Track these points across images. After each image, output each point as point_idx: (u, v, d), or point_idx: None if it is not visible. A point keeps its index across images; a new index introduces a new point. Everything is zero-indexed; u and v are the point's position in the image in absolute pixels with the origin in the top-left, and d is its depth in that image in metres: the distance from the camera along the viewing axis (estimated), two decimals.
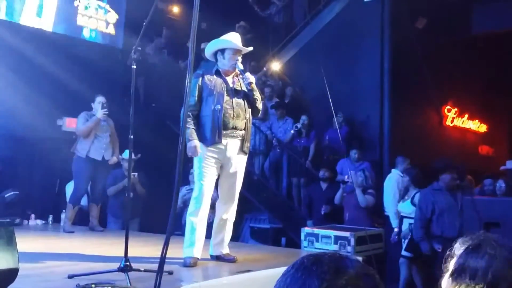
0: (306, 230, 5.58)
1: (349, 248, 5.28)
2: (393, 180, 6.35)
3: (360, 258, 4.55)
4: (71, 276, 3.27)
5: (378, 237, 5.79)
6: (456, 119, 9.92)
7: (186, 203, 5.93)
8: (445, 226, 4.96)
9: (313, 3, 9.07)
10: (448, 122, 9.73)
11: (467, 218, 4.69)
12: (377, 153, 7.88)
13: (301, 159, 7.64)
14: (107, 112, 6.13)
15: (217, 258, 4.19)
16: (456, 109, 9.81)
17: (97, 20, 8.77)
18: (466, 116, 10.18)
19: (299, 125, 7.74)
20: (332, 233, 5.49)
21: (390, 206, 6.21)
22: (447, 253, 1.39)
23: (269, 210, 7.74)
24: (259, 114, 4.47)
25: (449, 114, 9.74)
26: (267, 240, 7.30)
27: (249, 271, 3.73)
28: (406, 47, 8.00)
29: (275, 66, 9.04)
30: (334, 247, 5.31)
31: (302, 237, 5.53)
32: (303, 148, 7.78)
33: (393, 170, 6.57)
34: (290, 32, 9.30)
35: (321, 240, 5.47)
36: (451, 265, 1.35)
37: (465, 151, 9.61)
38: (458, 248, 1.37)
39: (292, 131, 7.80)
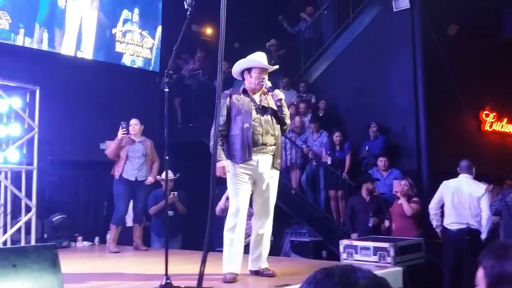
0: (344, 242, 5.57)
1: (388, 259, 5.23)
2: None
3: (399, 269, 4.53)
4: None
5: (418, 247, 5.73)
6: (495, 124, 9.71)
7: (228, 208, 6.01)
8: None
9: (342, 16, 9.13)
10: (486, 127, 9.54)
11: (506, 225, 4.61)
12: (415, 163, 7.82)
13: (337, 171, 7.65)
14: (125, 133, 6.31)
15: (256, 273, 4.25)
16: (494, 114, 9.62)
17: (135, 46, 9.11)
18: (505, 120, 9.96)
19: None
20: (371, 244, 5.46)
21: None
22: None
23: (309, 223, 7.77)
24: (287, 130, 4.57)
25: (487, 119, 9.56)
26: (308, 253, 7.31)
27: (287, 285, 3.76)
28: (439, 54, 7.94)
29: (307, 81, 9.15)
30: (374, 258, 5.28)
31: (341, 249, 5.52)
32: (338, 160, 7.80)
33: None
34: (321, 46, 9.38)
35: (360, 251, 5.44)
36: (482, 277, 1.35)
37: (506, 155, 9.39)
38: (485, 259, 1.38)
39: (327, 155, 7.86)
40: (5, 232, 5.73)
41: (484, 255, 1.39)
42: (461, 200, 5.79)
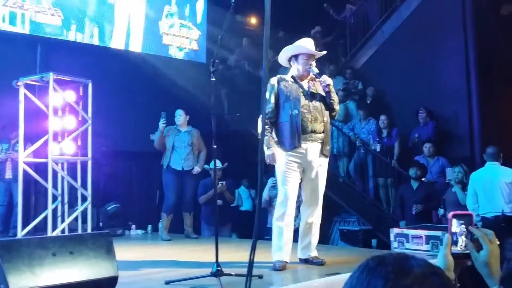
0: (395, 230, 5.47)
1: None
2: None
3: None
4: (167, 282, 3.51)
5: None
6: None
7: (271, 198, 6.06)
8: None
9: (389, 0, 8.93)
10: None
11: None
12: (468, 150, 7.59)
13: (386, 158, 7.53)
14: (165, 123, 6.41)
15: (306, 261, 4.26)
16: None
17: (181, 38, 9.23)
18: None
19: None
20: (423, 232, 5.35)
21: None
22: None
23: (358, 212, 7.70)
24: (336, 116, 4.52)
25: None
26: (357, 242, 7.27)
27: (338, 273, 3.77)
28: (492, 36, 7.65)
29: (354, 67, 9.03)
30: (426, 247, 5.17)
31: (392, 238, 5.43)
32: (386, 148, 7.67)
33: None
34: (367, 32, 9.22)
35: (412, 240, 5.34)
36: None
37: None
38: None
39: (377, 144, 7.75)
40: (62, 221, 5.96)
41: None
42: (493, 188, 5.67)
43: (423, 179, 6.73)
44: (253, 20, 10.76)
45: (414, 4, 8.52)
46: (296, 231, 4.36)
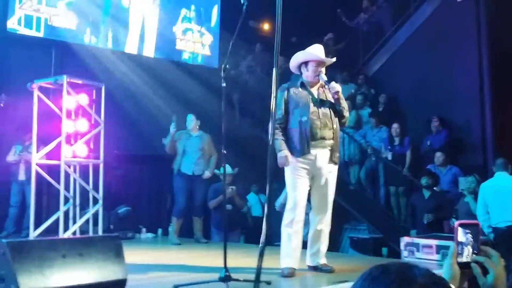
0: (405, 239, 5.44)
1: None
2: None
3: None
4: (176, 286, 3.51)
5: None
6: None
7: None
8: None
9: (402, 8, 8.92)
10: None
11: None
12: (481, 158, 7.53)
13: (398, 166, 7.49)
14: (174, 128, 6.44)
15: (314, 268, 4.23)
16: None
17: (194, 43, 9.29)
18: None
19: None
20: (434, 242, 5.31)
21: None
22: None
23: (368, 220, 7.66)
24: (346, 123, 4.51)
25: None
26: (367, 250, 7.22)
27: (346, 281, 3.75)
28: (505, 44, 7.60)
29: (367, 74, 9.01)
30: (436, 257, 5.13)
31: (402, 247, 5.39)
32: (398, 156, 7.63)
33: None
34: (380, 39, 9.21)
35: (422, 249, 5.30)
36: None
37: None
38: None
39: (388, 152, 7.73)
40: (74, 223, 6.00)
41: None
42: (504, 197, 5.62)
43: (435, 188, 6.68)
44: (266, 26, 10.80)
45: (428, 12, 8.51)
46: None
